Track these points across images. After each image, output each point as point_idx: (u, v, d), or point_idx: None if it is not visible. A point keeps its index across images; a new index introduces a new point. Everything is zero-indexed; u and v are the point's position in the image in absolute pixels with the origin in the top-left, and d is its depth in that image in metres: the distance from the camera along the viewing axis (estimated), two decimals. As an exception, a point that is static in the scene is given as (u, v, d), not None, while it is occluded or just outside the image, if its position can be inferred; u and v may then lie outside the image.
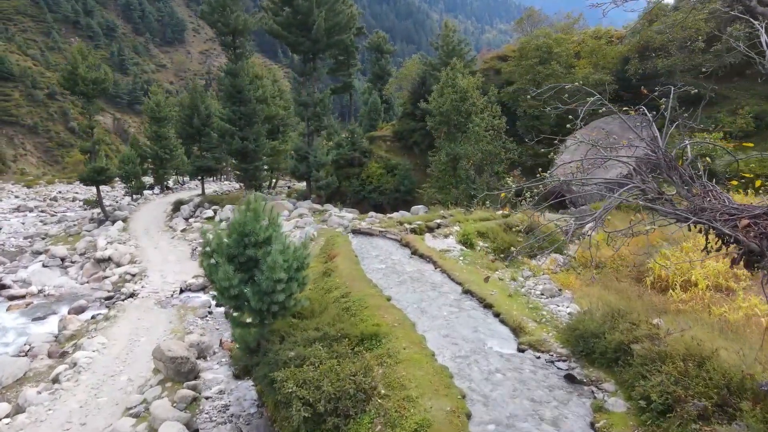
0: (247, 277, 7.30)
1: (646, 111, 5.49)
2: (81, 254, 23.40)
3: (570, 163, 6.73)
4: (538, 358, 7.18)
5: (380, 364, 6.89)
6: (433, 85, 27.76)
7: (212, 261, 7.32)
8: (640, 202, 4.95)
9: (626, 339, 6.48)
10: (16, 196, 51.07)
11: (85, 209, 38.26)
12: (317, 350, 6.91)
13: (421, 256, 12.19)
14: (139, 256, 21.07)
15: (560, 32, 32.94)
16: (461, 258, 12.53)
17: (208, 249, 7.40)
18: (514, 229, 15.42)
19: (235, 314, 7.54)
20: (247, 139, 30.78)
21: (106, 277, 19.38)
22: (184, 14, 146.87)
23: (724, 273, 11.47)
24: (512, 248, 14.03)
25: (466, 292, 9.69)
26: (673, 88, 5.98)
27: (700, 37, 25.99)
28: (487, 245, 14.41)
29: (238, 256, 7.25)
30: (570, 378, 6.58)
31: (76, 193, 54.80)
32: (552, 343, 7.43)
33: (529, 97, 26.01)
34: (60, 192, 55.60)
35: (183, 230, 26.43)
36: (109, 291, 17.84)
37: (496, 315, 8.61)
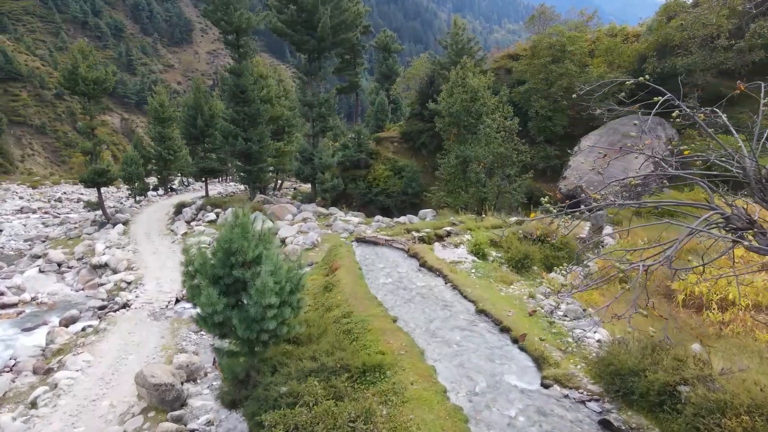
0: (234, 301, 6.45)
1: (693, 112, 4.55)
2: (78, 259, 22.75)
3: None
4: (566, 396, 6.25)
5: (384, 403, 6.00)
6: (442, 85, 26.81)
7: (195, 282, 6.47)
8: (722, 236, 3.95)
9: (672, 380, 5.53)
10: (21, 197, 50.76)
11: (89, 211, 37.76)
12: (312, 386, 6.03)
13: (430, 268, 11.27)
14: (137, 262, 20.35)
15: (573, 30, 31.86)
16: (473, 270, 11.60)
17: (190, 268, 6.55)
18: (528, 238, 14.46)
19: (220, 344, 6.68)
20: (250, 140, 30.02)
21: (102, 285, 18.67)
22: (192, 14, 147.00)
23: (763, 290, 10.47)
24: (528, 259, 13.09)
25: (480, 311, 8.77)
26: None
27: (722, 34, 24.84)
28: (500, 255, 13.46)
29: (224, 278, 6.40)
30: (606, 424, 5.65)
31: (81, 194, 54.40)
32: (581, 378, 6.50)
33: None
34: (65, 193, 55.31)
35: (184, 234, 25.71)
36: (103, 300, 17.10)
37: (515, 341, 7.68)
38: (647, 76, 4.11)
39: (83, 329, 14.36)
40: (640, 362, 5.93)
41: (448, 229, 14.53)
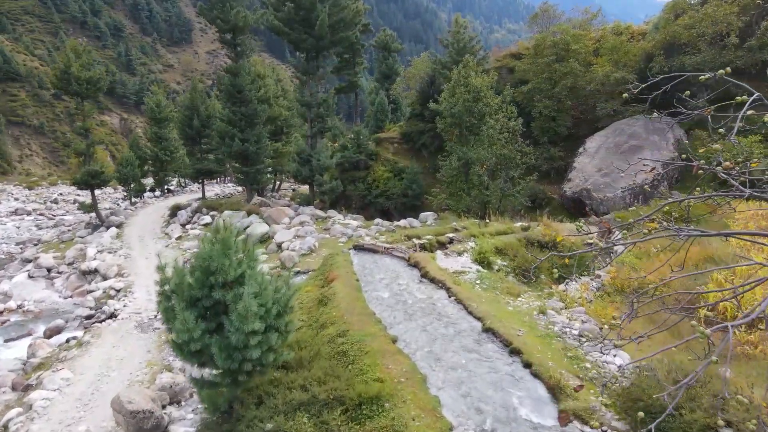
0: (214, 326, 5.75)
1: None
2: (69, 264, 22.06)
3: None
4: (588, 435, 5.55)
5: (382, 442, 5.31)
6: (443, 85, 26.11)
7: (172, 303, 5.78)
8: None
9: (712, 421, 4.82)
10: (16, 198, 50.12)
11: (84, 213, 37.09)
12: (301, 424, 5.34)
13: (433, 280, 10.57)
14: (128, 267, 19.66)
15: (577, 28, 31.16)
16: (478, 281, 10.90)
17: (166, 288, 5.86)
18: (536, 245, 13.76)
19: (199, 374, 5.98)
20: (247, 141, 29.33)
21: (91, 292, 17.98)
22: (191, 14, 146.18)
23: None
24: (535, 268, 12.37)
25: (487, 330, 8.06)
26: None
27: (732, 32, 24.12)
28: (505, 263, 12.76)
29: (202, 300, 5.70)
30: (635, 471, 4.95)
31: (78, 195, 53.73)
32: (604, 413, 5.79)
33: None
34: (61, 194, 54.65)
35: (178, 238, 25.02)
36: (90, 308, 16.41)
37: (527, 365, 6.97)
38: (728, 69, 3.36)
39: (67, 341, 13.68)
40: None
41: (451, 235, 13.83)
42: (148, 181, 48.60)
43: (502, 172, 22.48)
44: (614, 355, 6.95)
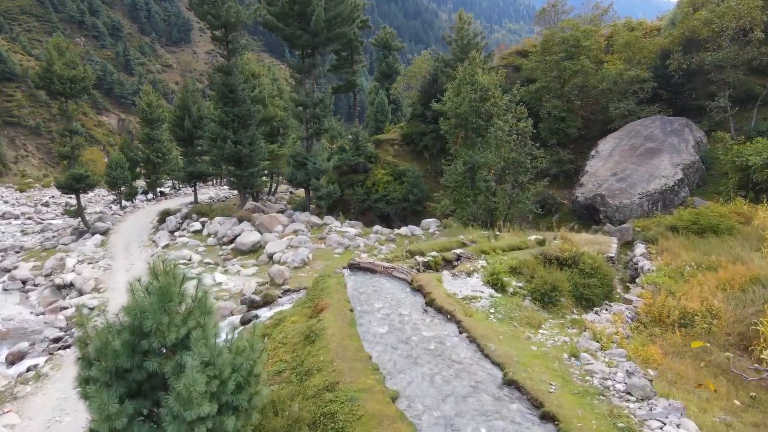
0: (149, 405, 4.23)
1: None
2: (46, 275, 20.56)
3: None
4: None
5: None
6: (446, 84, 24.57)
7: (93, 373, 4.26)
8: None
9: None
10: (5, 201, 48.62)
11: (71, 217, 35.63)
12: None
13: (440, 309, 9.04)
14: (106, 281, 18.16)
15: (587, 24, 29.60)
16: (492, 310, 9.38)
17: (88, 352, 4.34)
18: (554, 262, 12.21)
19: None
20: (241, 143, 27.83)
21: (64, 309, 16.50)
22: (190, 14, 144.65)
23: None
24: (556, 290, 10.84)
25: (510, 383, 6.53)
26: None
27: (756, 27, 22.54)
28: (521, 285, 11.23)
29: (132, 371, 4.18)
30: None
31: (70, 197, 52.25)
32: None
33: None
34: (53, 197, 53.14)
35: (165, 246, 23.52)
36: (61, 329, 14.92)
37: (565, 437, 5.44)
38: None
39: (28, 369, 12.22)
40: None
41: (458, 251, 12.30)
42: (142, 183, 47.21)
43: (510, 177, 20.94)
44: (677, 425, 5.42)
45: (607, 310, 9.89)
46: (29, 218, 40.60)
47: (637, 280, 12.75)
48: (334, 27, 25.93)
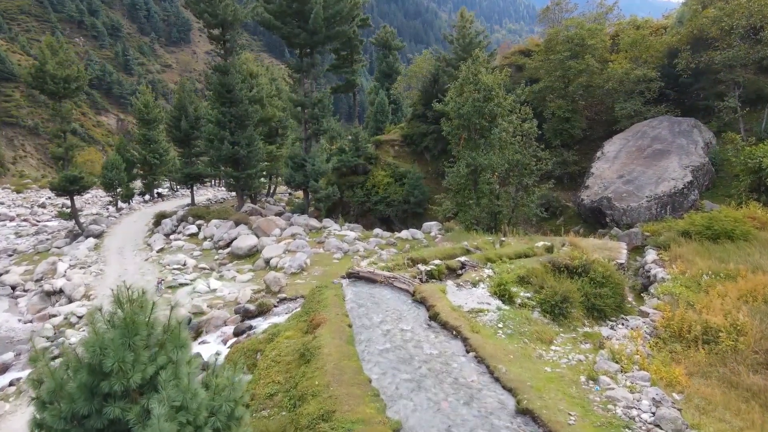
0: (111, 456, 3.63)
1: None
2: (36, 281, 19.94)
3: None
4: None
5: None
6: (448, 84, 23.97)
7: (45, 416, 3.67)
8: None
9: None
10: (1, 203, 48.02)
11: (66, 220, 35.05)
12: None
13: (444, 324, 8.43)
14: (97, 287, 17.56)
15: (592, 23, 28.98)
16: (500, 325, 8.78)
17: (41, 394, 3.74)
18: (563, 271, 11.59)
19: None
20: (238, 144, 27.25)
21: (53, 316, 15.89)
22: (189, 14, 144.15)
23: None
24: (566, 302, 10.22)
25: (524, 412, 5.92)
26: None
27: (767, 26, 21.91)
28: (529, 295, 10.61)
29: (91, 417, 3.58)
30: None
31: (67, 198, 51.67)
32: None
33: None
34: (49, 198, 52.50)
35: (160, 250, 22.91)
36: (47, 338, 14.36)
37: (588, 479, 4.84)
38: None
39: (10, 383, 11.62)
40: None
41: (463, 259, 11.69)
42: (139, 185, 46.60)
43: (514, 180, 20.34)
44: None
45: (623, 324, 9.28)
46: (25, 220, 39.97)
47: (650, 289, 12.13)
48: (333, 25, 25.33)
